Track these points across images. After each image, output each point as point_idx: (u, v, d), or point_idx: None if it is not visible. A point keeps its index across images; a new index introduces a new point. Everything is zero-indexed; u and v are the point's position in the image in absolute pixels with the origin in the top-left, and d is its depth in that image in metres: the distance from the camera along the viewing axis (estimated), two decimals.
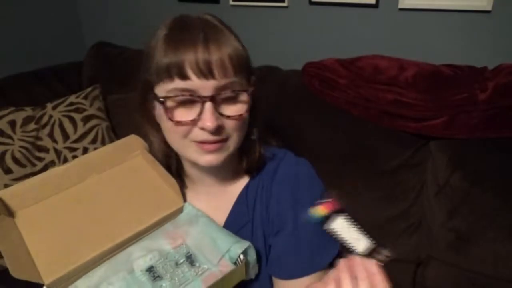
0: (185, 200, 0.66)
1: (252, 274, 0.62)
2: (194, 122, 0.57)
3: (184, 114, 0.57)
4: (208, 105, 0.55)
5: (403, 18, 1.19)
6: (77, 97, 1.37)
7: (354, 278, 0.48)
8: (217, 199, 0.70)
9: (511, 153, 0.94)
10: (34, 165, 1.24)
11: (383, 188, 1.04)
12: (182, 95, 0.56)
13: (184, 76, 0.54)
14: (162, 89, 0.58)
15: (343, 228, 0.48)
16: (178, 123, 0.57)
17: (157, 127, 0.65)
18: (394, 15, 1.20)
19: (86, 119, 1.33)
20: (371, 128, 1.06)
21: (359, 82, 1.06)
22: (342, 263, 0.50)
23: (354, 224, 0.49)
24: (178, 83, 0.55)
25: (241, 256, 0.58)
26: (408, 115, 1.01)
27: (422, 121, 1.01)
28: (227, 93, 0.57)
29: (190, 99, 0.56)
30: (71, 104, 1.35)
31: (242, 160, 0.69)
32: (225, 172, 0.69)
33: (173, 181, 0.65)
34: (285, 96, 1.16)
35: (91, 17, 1.88)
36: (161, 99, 0.57)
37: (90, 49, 1.65)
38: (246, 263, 0.59)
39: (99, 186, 0.67)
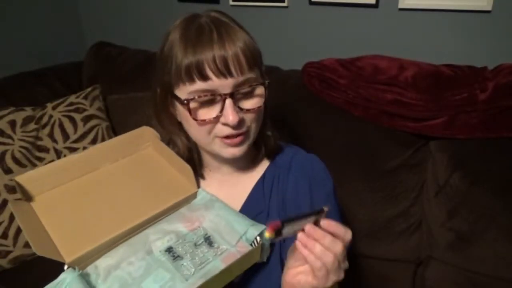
0: (199, 187, 0.69)
1: (265, 257, 0.64)
2: (217, 119, 0.61)
3: (206, 113, 0.61)
4: (229, 101, 0.59)
5: (403, 18, 1.19)
6: (77, 97, 1.37)
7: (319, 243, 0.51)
8: (232, 188, 0.73)
9: (511, 153, 0.94)
10: (34, 165, 1.24)
11: (383, 188, 1.04)
12: (205, 95, 0.59)
13: (204, 77, 0.58)
14: (183, 91, 0.61)
15: (291, 229, 0.53)
16: (203, 121, 0.61)
17: (179, 125, 0.69)
18: (394, 15, 1.20)
19: (86, 119, 1.33)
20: (371, 128, 1.06)
21: (359, 82, 1.06)
22: (301, 236, 0.52)
23: (297, 221, 0.53)
24: (199, 85, 0.58)
25: (258, 238, 0.60)
26: (408, 115, 1.01)
27: (422, 121, 1.01)
28: (245, 88, 0.60)
29: (212, 98, 0.60)
30: (71, 104, 1.34)
31: (260, 148, 0.72)
32: (243, 161, 0.72)
33: (187, 167, 0.67)
34: (285, 96, 1.16)
35: (91, 17, 1.88)
36: (185, 101, 0.60)
37: (90, 49, 1.65)
38: (262, 245, 0.61)
39: (113, 174, 0.70)
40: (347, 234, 0.52)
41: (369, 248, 1.08)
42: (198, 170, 0.73)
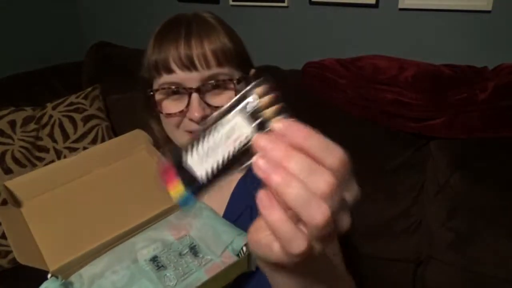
0: None
1: (253, 266, 0.63)
2: (183, 113, 0.60)
3: (173, 106, 0.61)
4: (194, 96, 0.58)
5: (403, 18, 1.19)
6: (77, 97, 1.37)
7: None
8: (220, 190, 0.72)
9: (511, 153, 0.94)
10: (34, 165, 1.24)
11: (383, 188, 1.04)
12: (169, 88, 0.59)
13: (169, 70, 0.58)
14: (155, 85, 0.62)
15: (205, 151, 0.29)
16: (168, 115, 0.61)
17: (160, 122, 0.69)
18: (394, 15, 1.20)
19: (86, 119, 1.33)
20: (371, 128, 1.06)
21: (359, 82, 1.06)
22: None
23: (208, 134, 0.28)
24: (165, 78, 0.59)
25: (244, 248, 0.59)
26: (408, 115, 1.01)
27: (422, 121, 1.01)
28: (212, 83, 0.59)
29: (178, 91, 0.60)
30: (71, 104, 1.35)
31: None
32: None
33: None
34: (285, 96, 1.15)
35: (91, 17, 1.88)
36: (151, 92, 0.61)
37: (90, 49, 1.65)
38: (249, 255, 0.60)
39: (104, 178, 0.69)
40: (333, 153, 0.28)
41: (369, 248, 1.08)
42: None
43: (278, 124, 0.28)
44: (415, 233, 1.05)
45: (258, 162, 0.26)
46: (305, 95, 1.14)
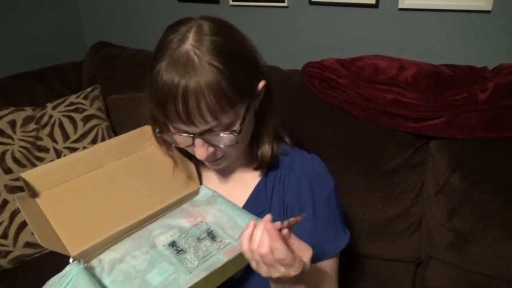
0: (201, 183, 0.70)
1: None
2: (191, 147, 0.62)
3: (181, 140, 0.63)
4: (198, 140, 0.59)
5: (403, 18, 1.19)
6: (77, 97, 1.37)
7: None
8: (233, 186, 0.74)
9: (511, 153, 0.94)
10: (34, 165, 1.24)
11: (383, 188, 1.04)
12: (173, 132, 0.62)
13: (171, 121, 0.59)
14: (161, 121, 0.63)
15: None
16: (177, 147, 0.65)
17: None
18: (394, 15, 1.20)
19: (86, 119, 1.33)
20: (371, 128, 1.06)
21: (359, 82, 1.06)
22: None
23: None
24: (169, 123, 0.60)
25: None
26: (408, 115, 1.01)
27: (422, 121, 1.01)
28: (214, 131, 0.59)
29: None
30: (71, 104, 1.34)
31: (258, 158, 0.72)
32: (239, 163, 0.73)
33: (189, 164, 0.69)
34: (285, 96, 1.15)
35: (91, 17, 1.88)
36: (158, 134, 0.65)
37: (90, 49, 1.65)
38: None
39: (117, 171, 0.72)
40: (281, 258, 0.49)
41: (369, 248, 1.08)
42: (199, 166, 0.74)
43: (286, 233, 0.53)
44: (415, 233, 1.05)
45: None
46: (305, 95, 1.14)
